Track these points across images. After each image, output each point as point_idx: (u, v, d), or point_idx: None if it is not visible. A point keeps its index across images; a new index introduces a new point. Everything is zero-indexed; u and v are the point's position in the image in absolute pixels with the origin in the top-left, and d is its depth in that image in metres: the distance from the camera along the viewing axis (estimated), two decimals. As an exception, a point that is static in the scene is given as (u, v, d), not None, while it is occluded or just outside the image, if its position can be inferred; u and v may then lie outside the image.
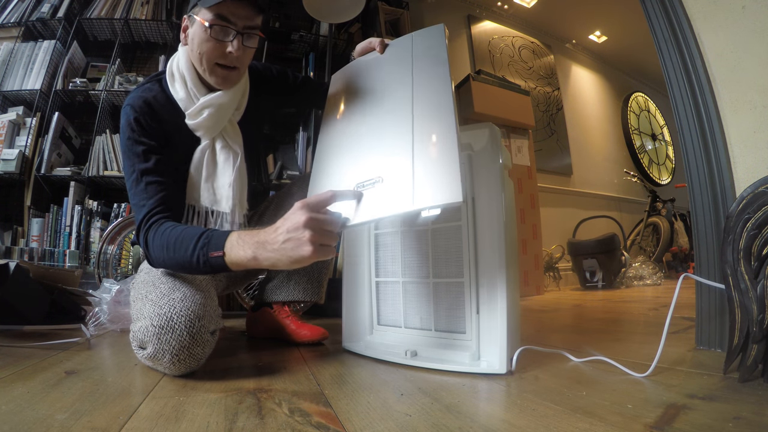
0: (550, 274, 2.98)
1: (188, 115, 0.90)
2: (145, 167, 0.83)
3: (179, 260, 0.72)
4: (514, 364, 0.72)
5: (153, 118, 0.87)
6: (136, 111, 0.85)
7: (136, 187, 0.82)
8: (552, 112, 3.65)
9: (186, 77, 0.90)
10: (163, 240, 0.74)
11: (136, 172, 0.82)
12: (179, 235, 0.73)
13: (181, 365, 0.68)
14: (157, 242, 0.75)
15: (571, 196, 3.59)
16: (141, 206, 0.80)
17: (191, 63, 0.91)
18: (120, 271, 1.73)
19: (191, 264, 0.71)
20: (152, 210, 0.79)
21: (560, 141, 3.63)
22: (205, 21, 0.84)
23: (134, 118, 0.84)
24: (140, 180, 0.82)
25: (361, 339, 0.93)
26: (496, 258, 0.72)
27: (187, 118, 0.90)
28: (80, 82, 2.05)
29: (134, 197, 0.82)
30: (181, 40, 0.93)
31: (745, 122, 0.80)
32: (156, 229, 0.76)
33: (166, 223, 0.77)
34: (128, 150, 0.84)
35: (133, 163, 0.83)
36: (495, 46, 3.42)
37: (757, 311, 0.62)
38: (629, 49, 4.07)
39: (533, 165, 2.68)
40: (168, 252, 0.73)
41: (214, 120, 0.91)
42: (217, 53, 0.86)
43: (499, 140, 0.75)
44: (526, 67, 3.58)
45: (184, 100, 0.90)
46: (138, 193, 0.82)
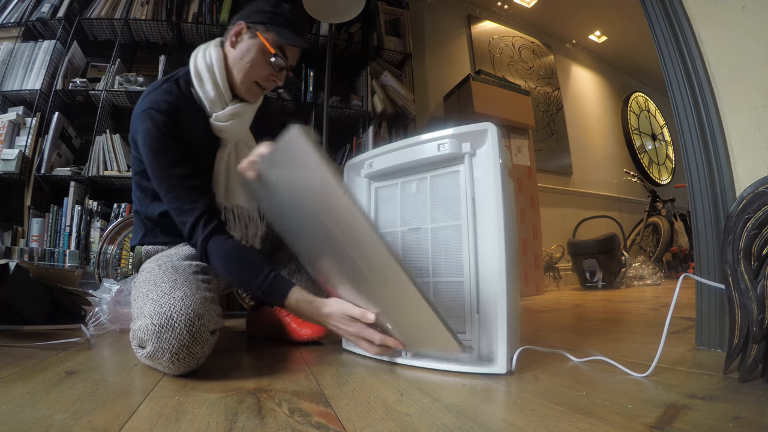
0: (550, 274, 2.98)
1: (217, 117, 0.92)
2: (184, 172, 0.85)
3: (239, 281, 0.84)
4: (514, 364, 0.72)
5: (179, 119, 0.87)
6: (162, 113, 0.85)
7: (176, 191, 0.84)
8: (552, 112, 3.65)
9: (218, 78, 0.92)
10: (227, 257, 0.81)
11: (174, 176, 0.84)
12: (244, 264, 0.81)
13: (181, 364, 0.68)
14: (220, 256, 0.82)
15: (571, 196, 3.59)
16: (188, 210, 0.83)
17: (226, 65, 0.93)
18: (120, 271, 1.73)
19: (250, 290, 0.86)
20: (204, 213, 0.83)
21: (560, 141, 3.63)
22: (272, 47, 0.90)
23: (162, 121, 0.85)
24: (180, 184, 0.84)
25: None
26: (496, 258, 0.72)
27: (215, 119, 0.92)
28: (80, 82, 2.05)
29: (175, 200, 0.84)
30: (228, 41, 0.94)
31: (745, 122, 0.80)
32: (217, 241, 0.82)
33: (227, 241, 0.83)
34: (159, 153, 0.85)
35: (169, 167, 0.84)
36: (495, 46, 3.42)
37: (757, 311, 0.62)
38: (629, 49, 4.07)
39: (533, 165, 2.68)
40: (230, 270, 0.82)
41: (239, 126, 0.96)
42: (263, 76, 0.94)
43: (499, 140, 0.75)
44: (526, 67, 3.58)
45: (213, 101, 0.92)
46: (180, 198, 0.84)
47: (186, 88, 0.93)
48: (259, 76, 0.93)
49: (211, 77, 0.91)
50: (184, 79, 0.94)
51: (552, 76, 3.74)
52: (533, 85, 3.55)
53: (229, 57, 0.93)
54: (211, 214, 0.85)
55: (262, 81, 0.94)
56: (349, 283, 0.77)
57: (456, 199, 0.78)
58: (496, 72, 3.27)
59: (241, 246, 0.83)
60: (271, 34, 0.90)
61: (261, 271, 0.79)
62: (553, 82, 3.74)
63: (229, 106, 0.93)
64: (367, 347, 0.78)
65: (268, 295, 0.79)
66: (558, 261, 3.04)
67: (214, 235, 0.83)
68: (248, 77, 0.93)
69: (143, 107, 0.87)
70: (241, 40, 0.92)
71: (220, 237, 0.83)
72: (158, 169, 0.85)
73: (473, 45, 3.29)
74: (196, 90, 0.92)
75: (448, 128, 0.79)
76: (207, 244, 0.82)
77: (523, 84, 3.36)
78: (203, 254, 0.84)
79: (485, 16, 3.45)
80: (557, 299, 2.23)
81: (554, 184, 3.47)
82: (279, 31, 0.89)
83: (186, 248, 0.95)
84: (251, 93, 0.95)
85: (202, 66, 0.92)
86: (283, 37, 0.89)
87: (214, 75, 0.91)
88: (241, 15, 0.94)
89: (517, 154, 2.65)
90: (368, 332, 0.76)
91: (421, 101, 2.82)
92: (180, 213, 0.85)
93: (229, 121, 0.93)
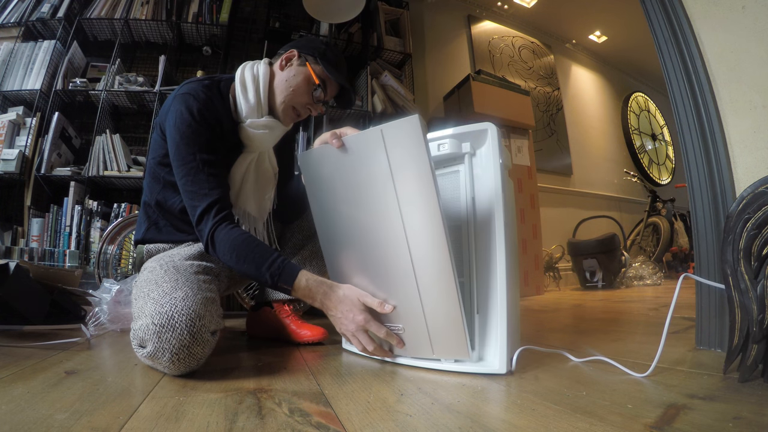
0: (550, 274, 2.98)
1: (252, 124, 0.95)
2: (208, 158, 0.87)
3: (244, 270, 0.81)
4: (514, 364, 0.72)
5: (211, 113, 0.90)
6: (199, 101, 0.88)
7: (196, 175, 0.86)
8: (552, 112, 3.65)
9: (261, 92, 0.96)
10: (234, 245, 0.81)
11: (198, 161, 0.86)
12: (252, 250, 0.81)
13: (181, 364, 0.68)
14: (226, 244, 0.82)
15: (571, 196, 3.59)
16: (203, 195, 0.85)
17: (270, 82, 0.98)
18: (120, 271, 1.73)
19: (258, 279, 0.82)
20: (218, 202, 0.85)
21: (560, 141, 3.63)
22: (316, 78, 0.96)
23: (197, 109, 0.88)
24: (202, 169, 0.86)
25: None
26: (496, 258, 0.72)
27: (249, 125, 0.95)
28: (80, 82, 2.05)
29: (192, 184, 0.86)
30: (278, 63, 0.99)
31: (745, 122, 0.80)
32: (227, 228, 0.83)
33: (236, 229, 0.84)
34: (190, 136, 0.87)
35: (194, 151, 0.86)
36: (495, 46, 3.42)
37: (757, 311, 0.62)
38: (629, 49, 4.07)
39: (533, 165, 2.68)
40: (238, 259, 0.81)
41: (269, 138, 0.99)
42: (302, 103, 0.98)
43: (499, 140, 0.75)
44: (526, 67, 3.58)
45: (251, 109, 0.95)
46: (199, 182, 0.86)
47: (225, 92, 0.96)
48: (298, 102, 0.98)
49: (254, 87, 0.95)
50: (225, 83, 0.98)
51: (552, 76, 3.74)
52: (533, 85, 3.55)
53: (276, 77, 0.98)
54: (224, 203, 0.86)
55: (300, 107, 0.99)
56: (368, 277, 0.79)
57: (456, 199, 0.78)
58: (496, 72, 3.27)
59: (249, 234, 0.84)
60: (319, 67, 0.97)
61: (269, 256, 0.81)
62: (553, 82, 3.74)
63: (265, 117, 0.97)
64: (366, 341, 0.78)
65: (278, 279, 0.79)
66: (558, 261, 3.04)
67: (223, 223, 0.84)
68: (288, 100, 0.97)
69: (181, 91, 0.90)
70: (290, 65, 0.98)
71: (229, 225, 0.84)
72: (184, 151, 0.87)
73: (473, 45, 3.29)
74: (237, 96, 0.96)
75: (448, 128, 0.79)
76: (215, 231, 0.83)
77: (523, 84, 3.36)
78: (210, 241, 0.83)
79: (485, 16, 3.45)
80: (557, 299, 2.23)
81: (554, 184, 3.47)
82: (326, 66, 0.96)
83: (188, 248, 0.95)
84: (287, 116, 0.99)
85: (249, 77, 0.96)
86: (328, 71, 0.96)
87: (258, 87, 0.96)
88: (295, 44, 1.01)
89: (517, 154, 2.65)
90: (374, 325, 0.77)
91: (421, 101, 2.82)
92: (194, 197, 0.85)
93: (262, 131, 0.96)
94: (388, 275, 0.76)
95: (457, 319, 0.69)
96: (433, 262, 0.70)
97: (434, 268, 0.70)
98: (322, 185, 0.84)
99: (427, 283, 0.71)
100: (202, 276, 0.82)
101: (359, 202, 0.77)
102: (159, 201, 0.98)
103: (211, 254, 0.85)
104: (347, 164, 0.77)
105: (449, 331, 0.71)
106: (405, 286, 0.74)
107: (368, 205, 0.76)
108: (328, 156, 0.80)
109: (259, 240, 0.84)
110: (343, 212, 0.81)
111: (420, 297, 0.72)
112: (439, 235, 0.68)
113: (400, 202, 0.71)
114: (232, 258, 0.82)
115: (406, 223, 0.71)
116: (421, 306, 0.73)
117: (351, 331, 0.79)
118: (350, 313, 0.78)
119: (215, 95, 0.94)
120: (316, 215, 0.89)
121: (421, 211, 0.69)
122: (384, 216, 0.74)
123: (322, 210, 0.87)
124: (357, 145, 0.75)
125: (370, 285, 0.79)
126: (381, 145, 0.71)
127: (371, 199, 0.75)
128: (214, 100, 0.92)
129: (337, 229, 0.84)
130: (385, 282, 0.77)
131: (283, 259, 0.81)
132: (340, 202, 0.81)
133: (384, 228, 0.74)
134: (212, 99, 0.92)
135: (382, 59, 2.60)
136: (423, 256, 0.71)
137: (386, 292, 0.77)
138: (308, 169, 0.86)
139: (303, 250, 1.11)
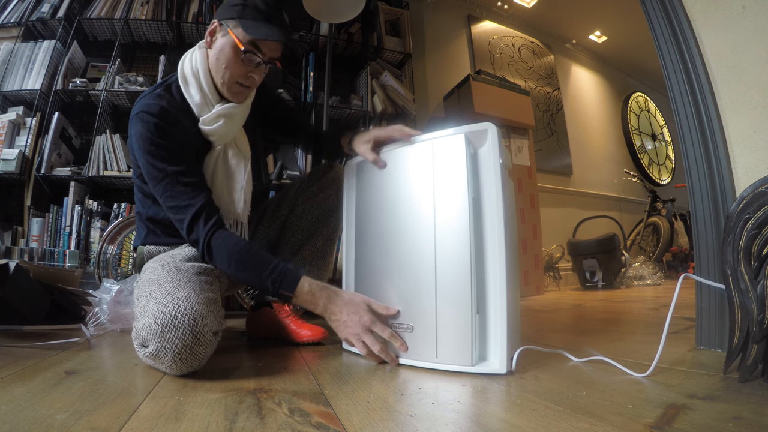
0: (550, 274, 2.98)
1: (203, 121, 0.91)
2: (179, 169, 0.84)
3: (245, 278, 0.81)
4: (514, 364, 0.72)
5: (171, 122, 0.87)
6: (154, 116, 0.85)
7: (172, 190, 0.83)
8: (552, 112, 3.65)
9: (202, 82, 0.90)
10: (232, 252, 0.80)
11: (170, 174, 0.83)
12: (251, 257, 0.80)
13: (183, 364, 0.68)
14: (224, 251, 0.81)
15: (571, 196, 3.59)
16: (185, 207, 0.82)
17: (209, 67, 0.91)
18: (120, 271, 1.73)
19: (258, 286, 0.81)
20: (203, 209, 0.82)
21: (560, 141, 3.63)
22: (241, 43, 0.86)
23: (154, 124, 0.84)
24: (176, 182, 0.83)
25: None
26: (497, 258, 0.72)
27: (202, 123, 0.91)
28: (80, 82, 2.05)
29: (172, 199, 0.83)
30: (205, 41, 0.92)
31: (745, 122, 0.80)
32: (222, 236, 0.81)
33: (232, 236, 0.82)
34: (153, 154, 0.84)
35: (164, 166, 0.83)
36: (495, 46, 3.42)
37: (757, 311, 0.62)
38: (629, 49, 4.07)
39: (533, 165, 2.68)
40: (236, 266, 0.80)
41: (228, 128, 0.93)
42: (240, 74, 0.90)
43: (499, 140, 0.75)
44: (526, 67, 3.58)
45: (199, 105, 0.91)
46: (177, 195, 0.83)
47: (178, 94, 0.92)
48: (237, 75, 0.89)
49: (195, 81, 0.90)
50: (176, 84, 0.93)
51: (552, 76, 3.74)
52: (533, 85, 3.55)
53: (209, 58, 0.91)
54: (210, 209, 0.83)
55: (242, 80, 0.90)
56: (389, 274, 0.81)
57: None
58: (496, 72, 3.27)
59: (246, 241, 0.82)
60: (239, 29, 0.86)
61: (270, 262, 0.79)
62: (553, 82, 3.74)
63: (216, 107, 0.91)
64: (372, 342, 0.78)
65: (280, 286, 0.78)
66: (558, 261, 3.04)
67: (218, 231, 0.82)
68: (227, 78, 0.89)
69: (135, 111, 0.87)
70: (215, 39, 0.90)
71: (224, 232, 0.82)
72: (153, 170, 0.84)
73: (473, 45, 3.28)
74: (185, 95, 0.91)
75: (449, 128, 0.79)
76: (210, 240, 0.81)
77: (523, 84, 3.36)
78: (206, 250, 0.81)
79: (485, 16, 3.44)
80: (557, 299, 2.23)
81: (554, 184, 3.47)
82: (247, 25, 0.84)
83: (188, 249, 0.95)
84: (234, 93, 0.92)
85: (188, 70, 0.91)
86: (250, 30, 0.84)
87: (199, 79, 0.90)
88: (217, 12, 0.91)
89: (517, 154, 2.65)
90: (378, 326, 0.77)
91: (421, 101, 2.82)
92: (177, 211, 0.83)
93: (216, 124, 0.91)
94: (407, 273, 0.79)
95: (465, 325, 0.71)
96: (449, 266, 0.74)
97: (455, 274, 0.73)
98: (363, 191, 0.90)
99: (445, 284, 0.74)
100: (203, 277, 0.82)
101: (396, 208, 0.82)
102: (151, 216, 0.98)
103: (208, 263, 0.84)
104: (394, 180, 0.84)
105: (456, 334, 0.72)
106: (411, 291, 0.77)
107: (404, 211, 0.81)
108: (370, 167, 0.88)
109: (257, 246, 0.83)
110: (379, 216, 0.85)
111: (435, 298, 0.74)
112: (464, 243, 0.72)
113: (435, 209, 0.76)
114: (231, 266, 0.80)
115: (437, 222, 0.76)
116: (435, 306, 0.74)
117: (357, 333, 0.78)
118: (356, 315, 0.78)
119: (171, 101, 0.89)
120: (349, 218, 0.93)
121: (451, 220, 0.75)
122: (416, 214, 0.79)
123: (360, 213, 0.91)
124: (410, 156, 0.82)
125: (389, 281, 0.82)
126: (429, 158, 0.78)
127: (408, 205, 0.80)
128: (169, 109, 0.88)
129: (367, 230, 0.87)
130: (404, 279, 0.79)
131: (284, 265, 0.80)
132: (377, 207, 0.86)
133: (413, 228, 0.79)
134: (167, 109, 0.87)
135: (382, 59, 2.60)
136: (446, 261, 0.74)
137: (404, 288, 0.79)
138: (350, 177, 0.94)
139: (302, 251, 1.11)
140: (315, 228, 1.11)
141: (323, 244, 1.12)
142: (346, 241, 0.95)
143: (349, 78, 2.61)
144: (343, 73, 2.58)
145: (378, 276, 0.84)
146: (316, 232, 1.11)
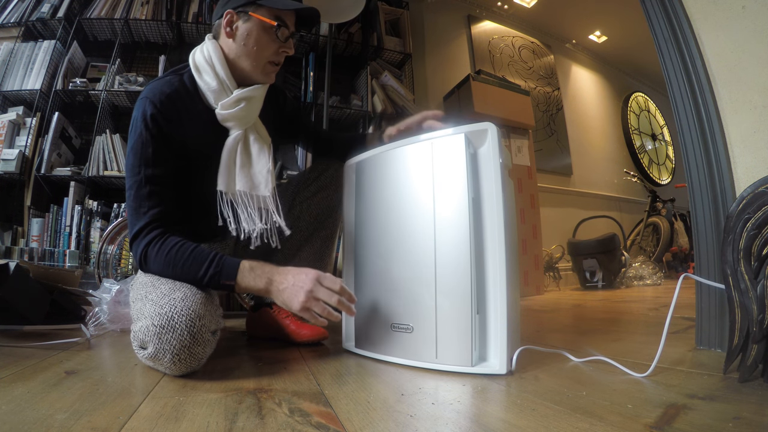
0: (550, 274, 2.98)
1: (222, 105, 0.90)
2: (153, 173, 0.82)
3: (184, 277, 0.77)
4: (514, 364, 0.72)
5: (173, 114, 0.86)
6: (155, 106, 0.84)
7: (138, 190, 0.81)
8: (552, 112, 3.65)
9: (218, 70, 0.90)
10: (169, 258, 0.77)
11: (143, 175, 0.81)
12: (188, 257, 0.77)
13: (182, 365, 0.68)
14: (160, 258, 0.78)
15: (571, 196, 3.59)
16: (143, 213, 0.80)
17: (224, 56, 0.92)
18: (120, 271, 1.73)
19: (199, 284, 0.76)
20: (155, 221, 0.80)
21: (560, 141, 3.63)
22: (270, 20, 0.89)
23: (151, 115, 0.83)
24: (144, 185, 0.81)
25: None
26: (497, 258, 0.72)
27: (220, 108, 0.90)
28: (80, 82, 2.05)
29: (135, 199, 0.81)
30: (221, 33, 0.92)
31: (745, 122, 0.80)
32: (159, 243, 0.79)
33: (170, 239, 0.79)
34: (139, 148, 0.83)
35: (140, 164, 0.82)
36: (495, 46, 3.42)
37: (757, 311, 0.62)
38: (629, 49, 4.07)
39: (533, 165, 2.68)
40: (174, 268, 0.77)
41: (248, 110, 0.93)
42: (273, 52, 0.93)
43: (499, 140, 0.75)
44: (526, 67, 3.58)
45: (216, 91, 0.90)
46: (140, 197, 0.81)
47: (190, 83, 0.91)
48: (269, 54, 0.92)
49: (211, 69, 0.90)
50: (189, 73, 0.93)
51: (552, 76, 3.74)
52: (533, 85, 3.55)
53: (231, 49, 0.92)
54: (161, 222, 0.81)
55: (274, 57, 0.94)
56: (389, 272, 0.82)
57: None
58: (496, 72, 3.27)
59: (182, 241, 0.79)
60: (263, 9, 0.89)
61: (207, 256, 0.76)
62: (553, 82, 3.74)
63: (235, 92, 0.91)
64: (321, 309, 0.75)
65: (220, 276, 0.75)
66: (558, 261, 3.04)
67: (156, 239, 0.79)
68: (260, 59, 0.92)
69: (142, 94, 0.86)
70: (236, 27, 0.91)
71: (161, 239, 0.79)
72: (131, 161, 0.83)
73: (473, 45, 3.28)
74: (199, 84, 0.91)
75: (449, 128, 0.79)
76: (148, 248, 0.79)
77: (523, 84, 3.36)
78: (142, 259, 0.80)
79: (485, 16, 3.44)
80: (557, 299, 2.23)
81: (554, 184, 3.47)
82: (268, 2, 0.89)
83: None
84: (268, 73, 0.95)
85: (201, 60, 0.91)
86: (275, 3, 0.89)
87: (213, 66, 0.90)
88: (224, 6, 0.92)
89: (517, 154, 2.65)
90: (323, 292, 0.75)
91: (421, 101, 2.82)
92: (134, 213, 0.81)
93: (237, 107, 0.90)
94: (407, 273, 0.79)
95: (465, 326, 0.71)
96: (449, 264, 0.74)
97: (455, 273, 0.73)
98: (363, 191, 0.90)
99: (444, 284, 0.74)
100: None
101: (396, 208, 0.82)
102: None
103: (146, 272, 0.82)
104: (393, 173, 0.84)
105: (456, 335, 0.72)
106: (424, 283, 0.77)
107: (404, 211, 0.81)
108: (373, 165, 0.88)
109: (194, 244, 0.79)
110: (379, 216, 0.85)
111: (435, 298, 0.74)
112: (464, 243, 0.73)
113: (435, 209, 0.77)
114: (168, 269, 0.77)
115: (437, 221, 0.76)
116: (435, 307, 0.74)
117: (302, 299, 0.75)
118: (301, 275, 0.76)
119: (179, 90, 0.89)
120: (349, 218, 0.93)
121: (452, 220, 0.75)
122: (416, 214, 0.79)
123: (360, 213, 0.91)
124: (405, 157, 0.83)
125: (389, 282, 0.82)
126: (429, 158, 0.78)
127: (408, 205, 0.80)
128: (178, 99, 0.87)
129: (370, 230, 0.88)
130: (405, 277, 0.79)
131: (221, 255, 0.78)
132: (380, 205, 0.86)
133: (413, 225, 0.79)
134: (174, 99, 0.86)
135: (382, 59, 2.60)
136: (447, 263, 0.74)
137: (404, 288, 0.79)
138: (350, 177, 0.94)
139: (301, 252, 1.10)
140: (314, 229, 1.11)
141: (322, 245, 1.12)
142: (346, 241, 0.95)
143: (349, 78, 2.61)
144: (343, 73, 2.58)
145: (378, 276, 0.84)
146: (315, 233, 1.11)
